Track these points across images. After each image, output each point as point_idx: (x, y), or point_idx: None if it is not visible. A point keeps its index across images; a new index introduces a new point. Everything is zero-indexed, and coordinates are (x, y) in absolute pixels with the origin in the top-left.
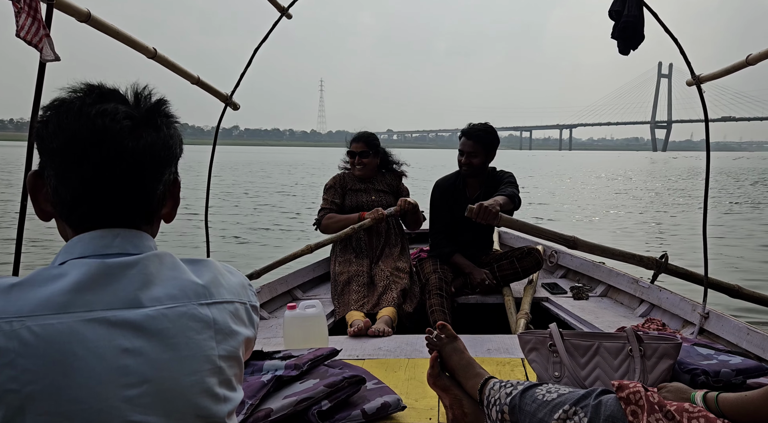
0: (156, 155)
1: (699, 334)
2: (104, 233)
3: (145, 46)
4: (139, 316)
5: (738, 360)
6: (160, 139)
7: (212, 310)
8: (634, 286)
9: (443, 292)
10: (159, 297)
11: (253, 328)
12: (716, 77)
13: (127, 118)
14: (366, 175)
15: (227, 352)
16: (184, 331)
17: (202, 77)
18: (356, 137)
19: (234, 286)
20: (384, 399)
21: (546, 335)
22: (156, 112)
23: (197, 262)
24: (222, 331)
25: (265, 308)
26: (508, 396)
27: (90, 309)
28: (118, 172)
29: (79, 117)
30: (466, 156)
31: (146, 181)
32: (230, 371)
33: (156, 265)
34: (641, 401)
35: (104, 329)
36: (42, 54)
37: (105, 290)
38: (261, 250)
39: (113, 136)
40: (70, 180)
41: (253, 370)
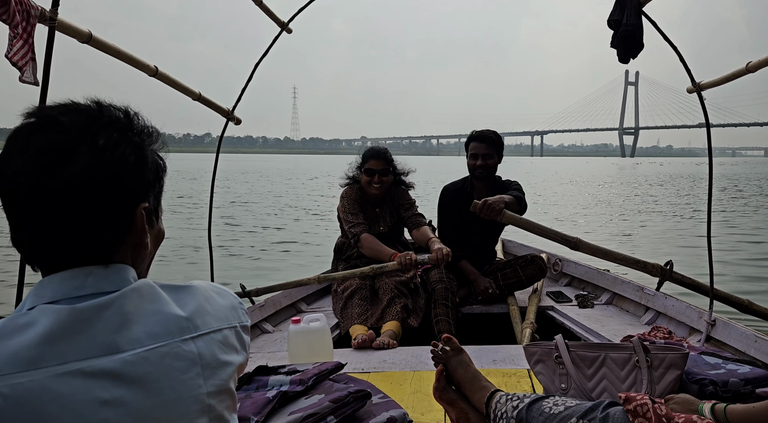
0: (89, 185)
1: (706, 341)
2: (75, 273)
3: (147, 64)
4: (117, 362)
5: (746, 369)
6: (90, 166)
7: (198, 343)
8: (640, 294)
9: (448, 302)
10: (138, 338)
11: (244, 351)
12: (717, 84)
13: (45, 152)
14: (381, 195)
15: (217, 387)
16: (168, 373)
17: (203, 93)
18: (374, 153)
19: (222, 310)
20: (390, 413)
21: (552, 347)
22: (88, 136)
23: (180, 290)
24: (209, 365)
25: (269, 322)
26: (515, 409)
27: (63, 361)
28: (45, 214)
29: (6, 158)
30: (482, 158)
31: (85, 216)
32: (221, 406)
33: (135, 301)
34: (649, 413)
35: (80, 382)
36: (23, 76)
37: (78, 338)
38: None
39: (27, 178)
40: (9, 220)
41: (258, 386)
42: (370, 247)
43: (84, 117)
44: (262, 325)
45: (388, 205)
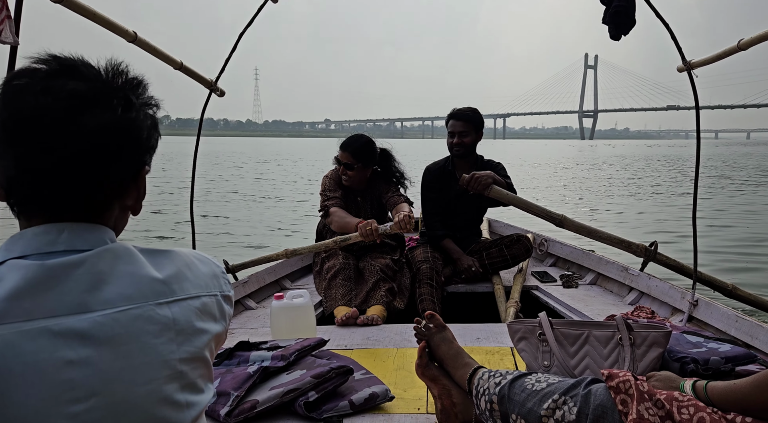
0: (108, 140)
1: (688, 321)
2: (49, 228)
3: (125, 29)
4: (86, 322)
5: (727, 347)
6: (114, 122)
7: (173, 308)
8: (624, 274)
9: (433, 281)
10: (110, 299)
11: (224, 321)
12: (707, 63)
13: (75, 97)
14: (354, 187)
15: (190, 353)
16: (138, 336)
17: (185, 62)
18: (343, 144)
19: (203, 277)
20: (372, 389)
21: (535, 324)
22: (117, 92)
23: (159, 254)
24: (184, 331)
25: (252, 298)
26: (497, 386)
27: (29, 318)
28: (57, 157)
29: (22, 94)
30: (458, 136)
31: (95, 169)
32: (194, 373)
33: (108, 261)
34: (631, 390)
35: (45, 340)
36: (1, 36)
37: (47, 296)
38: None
39: (53, 117)
40: (7, 161)
41: (239, 361)
42: (339, 218)
43: (104, 74)
44: (245, 301)
45: (370, 195)
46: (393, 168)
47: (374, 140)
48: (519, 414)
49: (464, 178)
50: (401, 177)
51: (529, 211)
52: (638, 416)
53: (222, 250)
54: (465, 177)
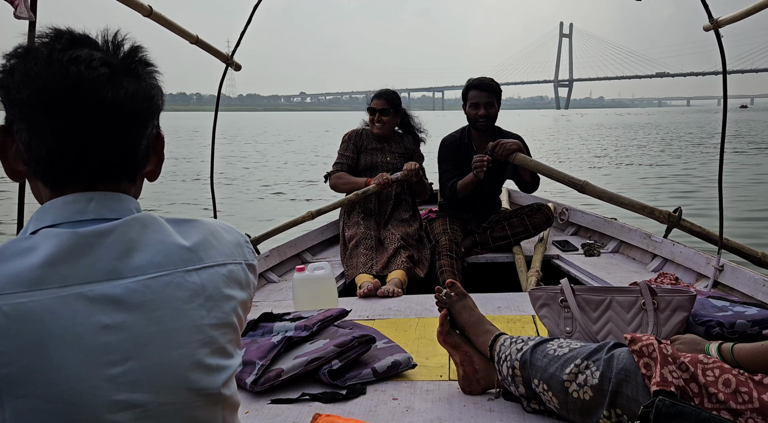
0: (138, 107)
1: (713, 286)
2: (77, 198)
3: (141, 3)
4: (119, 288)
5: (754, 311)
6: (141, 89)
7: (201, 275)
8: (647, 241)
9: (453, 252)
10: (141, 266)
11: (249, 289)
12: (736, 20)
13: (105, 65)
14: (384, 134)
15: (219, 319)
16: (169, 302)
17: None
18: (378, 94)
19: (228, 246)
20: (395, 357)
21: (557, 291)
22: (135, 60)
23: (184, 223)
24: (212, 297)
25: (274, 271)
26: (519, 351)
27: (65, 284)
28: (97, 125)
29: (50, 64)
30: (484, 107)
31: (128, 135)
32: (224, 338)
33: (137, 229)
34: (654, 353)
35: (81, 305)
36: (16, 11)
37: (80, 263)
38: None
39: (90, 85)
40: (43, 134)
41: (263, 332)
42: (344, 182)
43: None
44: (268, 274)
45: (396, 144)
46: (411, 122)
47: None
48: (541, 379)
49: (490, 145)
50: (419, 128)
51: (552, 177)
52: (662, 379)
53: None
54: (491, 144)
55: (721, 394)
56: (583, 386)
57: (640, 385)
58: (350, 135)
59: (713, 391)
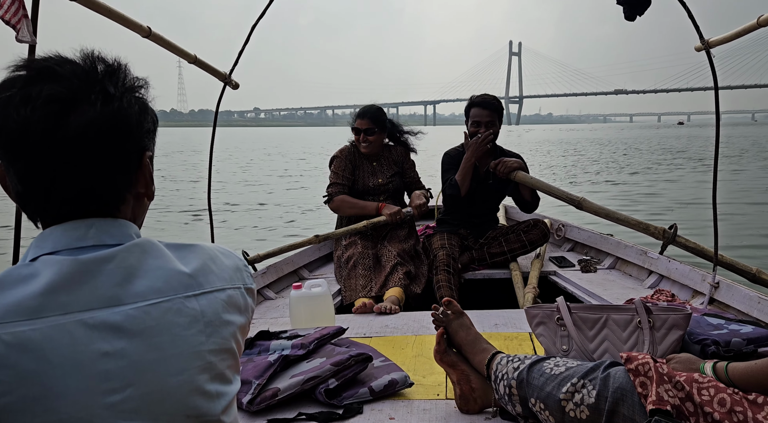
0: (101, 134)
1: (709, 303)
2: (77, 225)
3: (140, 24)
4: (119, 315)
5: (749, 329)
6: (97, 118)
7: (200, 301)
8: (643, 258)
9: (450, 268)
10: (141, 292)
11: (248, 313)
12: (727, 41)
13: (53, 102)
14: (373, 152)
15: (218, 345)
16: (169, 329)
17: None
18: (360, 113)
19: (227, 270)
20: (391, 376)
21: (553, 309)
22: (93, 86)
23: (184, 248)
24: (212, 323)
25: (271, 288)
26: (516, 370)
27: (65, 312)
28: (54, 166)
29: (7, 108)
30: (486, 126)
31: (95, 168)
32: (223, 364)
33: (137, 256)
34: (650, 372)
35: (81, 333)
36: (18, 35)
37: (80, 290)
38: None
39: (37, 128)
40: (11, 175)
41: (260, 350)
42: (350, 205)
43: (81, 67)
44: (265, 291)
45: (386, 160)
46: (400, 130)
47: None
48: (538, 398)
49: (493, 163)
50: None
51: (551, 194)
52: (658, 398)
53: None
54: (493, 162)
55: (717, 414)
56: (580, 405)
57: (636, 404)
58: (341, 154)
59: (709, 410)
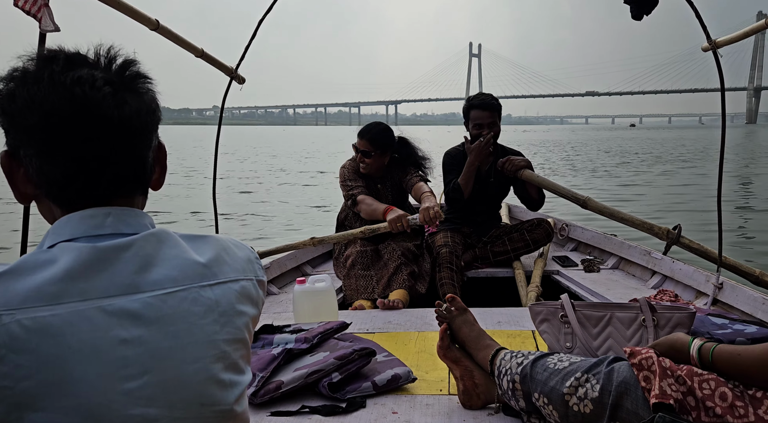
0: (143, 121)
1: (713, 304)
2: (95, 212)
3: (148, 17)
4: (137, 303)
5: (753, 328)
6: (144, 103)
7: (215, 291)
8: (647, 258)
9: (453, 265)
10: (158, 280)
11: (259, 304)
12: (734, 41)
13: (107, 84)
14: (372, 174)
15: (232, 335)
16: (185, 317)
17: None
18: (361, 132)
19: (240, 262)
20: (395, 371)
21: (557, 306)
22: (132, 75)
23: (198, 239)
24: (226, 313)
25: (274, 284)
26: (519, 366)
27: (84, 298)
28: (108, 144)
29: (53, 88)
30: (488, 127)
31: (137, 150)
32: (236, 354)
33: (153, 245)
34: (653, 366)
35: (100, 319)
36: (41, 24)
37: (99, 277)
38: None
39: (97, 105)
40: (57, 158)
41: (263, 344)
42: (367, 205)
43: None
44: (268, 286)
45: (390, 182)
46: (413, 155)
47: (391, 128)
48: (541, 392)
49: (500, 162)
50: (422, 161)
51: (557, 192)
52: (661, 392)
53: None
54: (501, 161)
55: (718, 408)
56: (584, 399)
57: (640, 398)
58: (348, 168)
59: (710, 405)
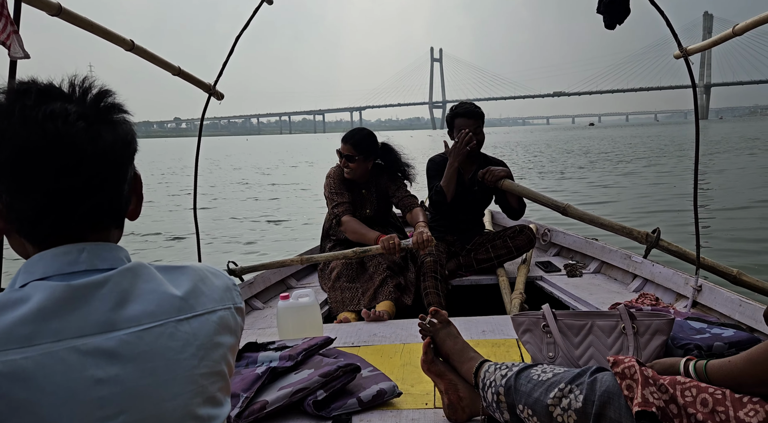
0: (118, 154)
1: (692, 307)
2: (68, 249)
3: (123, 38)
4: (112, 341)
5: (730, 332)
6: (119, 135)
7: (193, 324)
8: (627, 262)
9: (438, 274)
10: (135, 316)
11: (238, 332)
12: (704, 49)
13: (81, 118)
14: (356, 179)
15: (210, 368)
16: (163, 353)
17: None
18: (345, 137)
19: (217, 291)
20: (380, 386)
21: (539, 316)
22: (108, 106)
23: (175, 270)
24: (204, 346)
25: (259, 298)
26: (503, 378)
27: (57, 339)
28: (83, 180)
29: (24, 123)
30: (472, 135)
31: (113, 184)
32: (214, 387)
33: (129, 279)
34: (636, 375)
35: (74, 360)
36: (10, 51)
37: (73, 316)
38: None
39: (71, 142)
40: (28, 194)
41: (247, 363)
42: (353, 230)
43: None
44: (252, 302)
45: (375, 187)
46: (397, 161)
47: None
48: (526, 404)
49: (481, 172)
50: (406, 170)
51: (537, 200)
52: (643, 400)
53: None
54: (481, 171)
55: (700, 414)
56: (567, 410)
57: (623, 407)
58: (335, 175)
59: (692, 411)
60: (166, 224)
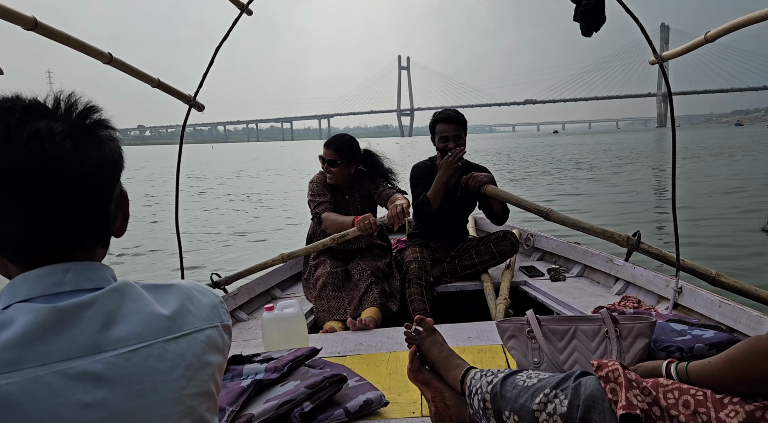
0: (105, 174)
1: (674, 308)
2: (53, 269)
3: (101, 51)
4: (100, 364)
5: (711, 334)
6: (105, 154)
7: (180, 344)
8: (609, 265)
9: (423, 281)
10: (122, 337)
11: (226, 350)
12: (678, 55)
13: (67, 137)
14: (339, 184)
15: (198, 388)
16: (151, 375)
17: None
18: (327, 142)
19: (204, 309)
20: (366, 396)
21: (523, 322)
22: (94, 123)
23: (162, 289)
24: (192, 366)
25: (243, 310)
26: (489, 384)
27: (43, 363)
28: (67, 199)
29: (9, 143)
30: (453, 140)
31: (99, 204)
32: (202, 407)
33: (116, 300)
34: (620, 379)
35: (61, 384)
36: None
37: (59, 339)
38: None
39: (57, 162)
40: (13, 215)
41: (233, 376)
42: (332, 221)
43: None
44: (237, 313)
45: (358, 193)
46: (379, 166)
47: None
48: (512, 410)
49: (464, 178)
50: (389, 174)
51: (520, 205)
52: (627, 403)
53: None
54: (464, 177)
55: (682, 416)
56: (553, 415)
57: (607, 411)
58: (317, 181)
59: (674, 413)
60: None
